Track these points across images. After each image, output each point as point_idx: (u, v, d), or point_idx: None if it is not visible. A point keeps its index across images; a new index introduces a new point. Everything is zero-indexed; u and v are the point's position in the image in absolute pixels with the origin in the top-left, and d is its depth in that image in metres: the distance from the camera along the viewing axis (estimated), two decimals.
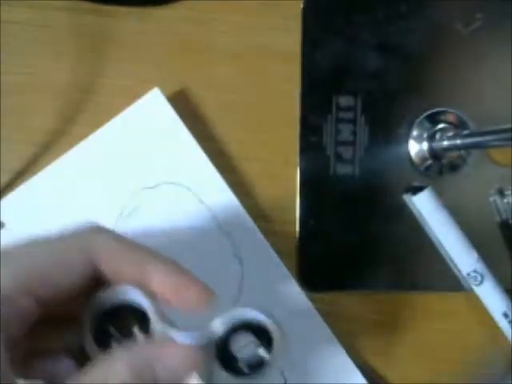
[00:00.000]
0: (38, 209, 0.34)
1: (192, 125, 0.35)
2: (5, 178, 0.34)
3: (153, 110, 0.34)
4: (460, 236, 0.35)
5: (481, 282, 0.35)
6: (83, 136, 0.34)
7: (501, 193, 0.37)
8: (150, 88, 0.34)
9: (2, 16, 0.34)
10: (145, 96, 0.34)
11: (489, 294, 0.35)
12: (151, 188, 0.34)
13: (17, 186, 0.34)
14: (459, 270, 0.36)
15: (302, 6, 0.36)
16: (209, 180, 0.34)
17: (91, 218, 0.33)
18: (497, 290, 0.35)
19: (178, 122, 0.34)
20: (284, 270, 0.34)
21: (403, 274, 0.37)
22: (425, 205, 0.35)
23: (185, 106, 0.36)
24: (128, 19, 0.35)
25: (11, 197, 0.33)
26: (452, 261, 0.36)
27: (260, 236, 0.34)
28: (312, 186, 0.36)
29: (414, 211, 0.36)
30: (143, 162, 0.34)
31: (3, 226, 0.33)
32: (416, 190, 0.35)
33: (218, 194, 0.34)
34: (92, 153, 0.34)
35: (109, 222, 0.34)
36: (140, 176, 0.34)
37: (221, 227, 0.34)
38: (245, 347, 0.25)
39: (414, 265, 0.37)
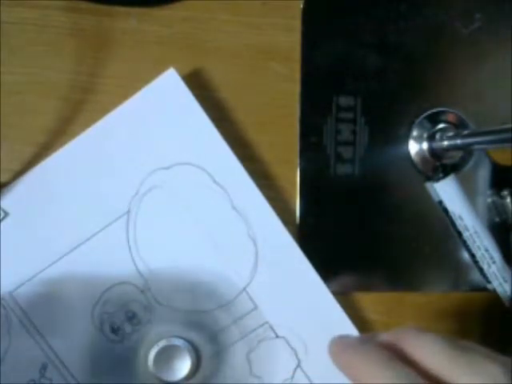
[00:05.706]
0: (47, 195, 0.33)
1: None
2: (5, 178, 0.33)
3: (168, 91, 0.34)
4: (482, 222, 0.36)
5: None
6: None
7: (500, 193, 0.37)
8: None
9: (2, 16, 0.34)
10: (160, 76, 0.34)
11: None
12: (166, 168, 0.34)
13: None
14: (488, 257, 0.36)
15: (301, 6, 0.36)
16: (223, 161, 0.34)
17: (105, 199, 0.34)
18: None
19: (193, 103, 0.34)
20: (298, 250, 0.35)
21: (403, 274, 0.37)
22: (447, 192, 0.35)
23: None
24: (128, 19, 0.35)
25: (17, 185, 0.33)
26: (478, 248, 0.36)
27: (274, 216, 0.34)
28: (312, 186, 0.36)
29: (436, 199, 0.36)
30: (158, 143, 0.34)
31: (7, 215, 0.33)
32: (438, 179, 0.35)
33: (232, 175, 0.34)
34: (106, 134, 0.34)
35: (123, 203, 0.34)
36: (154, 156, 0.34)
37: (235, 208, 0.34)
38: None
39: (414, 265, 0.37)
